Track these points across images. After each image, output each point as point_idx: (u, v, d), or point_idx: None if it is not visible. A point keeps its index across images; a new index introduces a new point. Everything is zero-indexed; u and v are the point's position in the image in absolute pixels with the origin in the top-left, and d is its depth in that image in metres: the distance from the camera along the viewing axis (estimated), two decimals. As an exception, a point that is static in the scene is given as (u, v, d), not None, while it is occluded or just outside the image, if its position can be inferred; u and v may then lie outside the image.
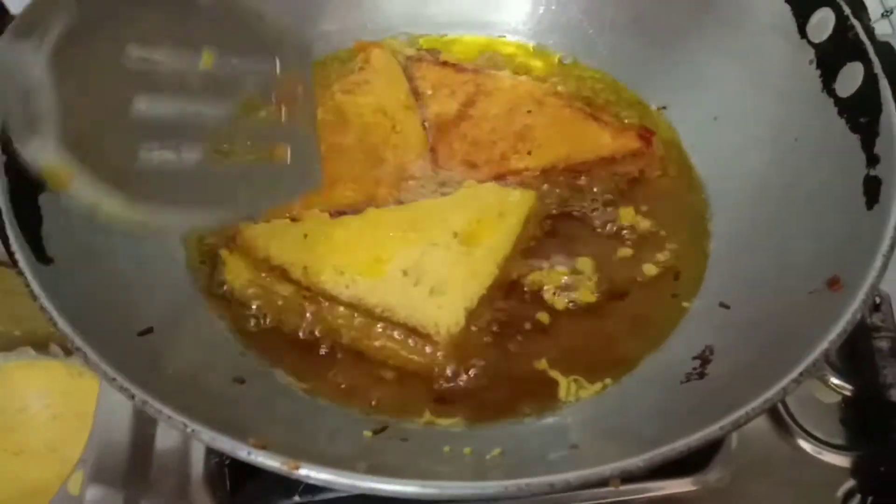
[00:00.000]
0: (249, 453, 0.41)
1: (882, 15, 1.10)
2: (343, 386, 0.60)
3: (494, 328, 0.63)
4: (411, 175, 0.73)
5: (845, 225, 0.56)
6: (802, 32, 0.66)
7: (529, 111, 0.75)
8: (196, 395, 0.50)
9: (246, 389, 0.56)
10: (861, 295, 0.47)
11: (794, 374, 0.44)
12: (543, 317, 0.64)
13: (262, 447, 0.41)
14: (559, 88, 0.79)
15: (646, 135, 0.75)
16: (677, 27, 0.77)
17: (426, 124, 0.76)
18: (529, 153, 0.73)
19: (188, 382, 0.52)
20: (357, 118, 0.74)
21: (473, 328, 0.62)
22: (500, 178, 0.73)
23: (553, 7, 0.83)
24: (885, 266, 0.49)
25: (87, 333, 0.46)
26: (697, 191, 0.72)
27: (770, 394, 0.44)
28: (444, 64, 0.80)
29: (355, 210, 0.68)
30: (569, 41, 0.80)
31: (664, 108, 0.77)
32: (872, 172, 0.56)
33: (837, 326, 0.46)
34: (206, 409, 0.46)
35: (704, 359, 0.56)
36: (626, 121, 0.78)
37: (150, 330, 0.55)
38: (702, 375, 0.55)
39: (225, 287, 0.64)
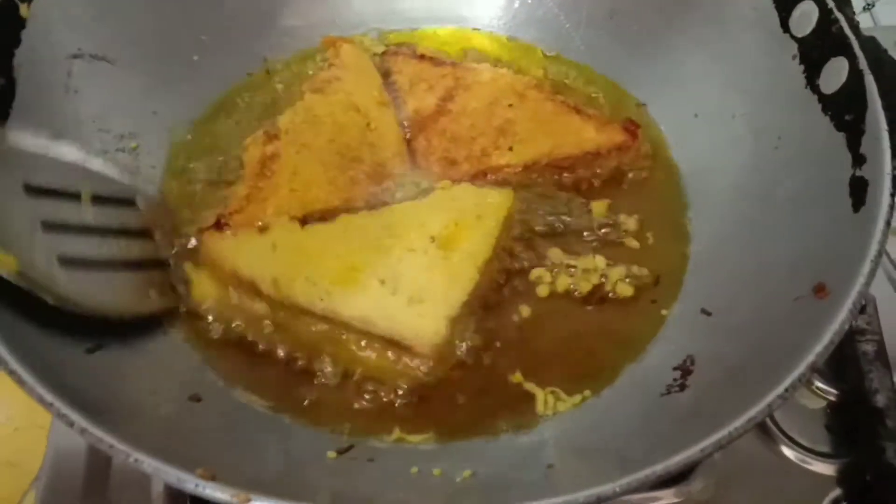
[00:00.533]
0: (197, 485, 0.38)
1: (864, 8, 1.09)
2: (307, 402, 0.56)
3: (474, 338, 0.61)
4: (389, 174, 0.70)
5: (831, 228, 0.53)
6: (785, 26, 0.64)
7: (510, 105, 0.73)
8: (147, 418, 0.47)
9: (202, 409, 0.53)
10: (848, 304, 0.45)
11: (779, 389, 0.42)
12: (520, 324, 0.62)
13: (212, 478, 0.38)
14: (540, 81, 0.77)
15: (631, 127, 0.72)
16: (655, 22, 0.75)
17: (404, 121, 0.74)
18: (511, 149, 0.71)
19: (140, 403, 0.49)
20: (329, 117, 0.71)
21: (455, 338, 0.60)
22: (480, 175, 0.70)
23: (528, 1, 0.81)
24: (872, 273, 0.47)
25: (22, 350, 0.42)
26: (677, 191, 0.70)
27: (754, 412, 0.41)
28: (422, 57, 0.77)
29: (331, 213, 0.65)
30: (545, 36, 0.78)
31: (644, 104, 0.75)
32: (859, 173, 0.54)
33: (823, 338, 0.44)
34: (157, 433, 0.43)
35: (685, 370, 0.54)
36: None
37: (98, 347, 0.51)
38: (682, 387, 0.52)
39: (189, 304, 0.61)
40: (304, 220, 0.64)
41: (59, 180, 0.57)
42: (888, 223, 0.49)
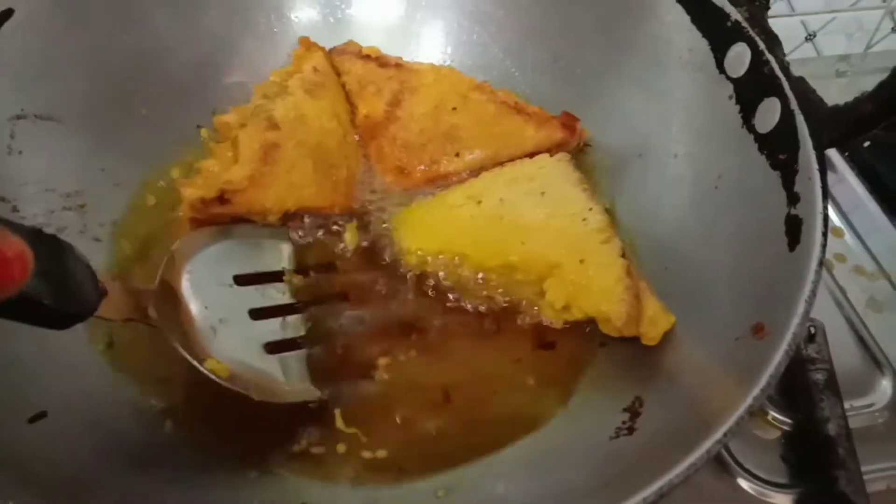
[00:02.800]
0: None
1: (806, 38, 1.12)
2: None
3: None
4: (359, 183, 0.73)
5: (768, 267, 0.54)
6: (721, 67, 0.66)
7: (455, 108, 0.75)
8: (89, 489, 0.46)
9: (148, 477, 0.52)
10: (783, 346, 0.46)
11: (718, 435, 0.42)
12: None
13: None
14: (482, 83, 0.78)
15: (570, 123, 0.75)
16: (597, 64, 0.76)
17: (357, 130, 0.76)
18: (457, 155, 0.73)
19: (81, 472, 0.48)
20: (317, 120, 0.72)
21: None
22: (430, 183, 0.73)
23: (474, 45, 0.82)
24: (807, 312, 0.47)
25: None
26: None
27: (693, 458, 0.42)
28: (367, 57, 0.78)
29: (315, 212, 0.68)
30: (491, 80, 0.78)
31: (588, 145, 0.76)
32: (793, 211, 0.55)
33: (760, 381, 0.44)
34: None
35: (634, 411, 0.54)
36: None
37: (42, 415, 0.51)
38: (631, 430, 0.53)
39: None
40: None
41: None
42: (821, 262, 0.50)
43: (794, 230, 0.54)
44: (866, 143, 0.95)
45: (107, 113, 0.70)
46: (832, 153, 0.97)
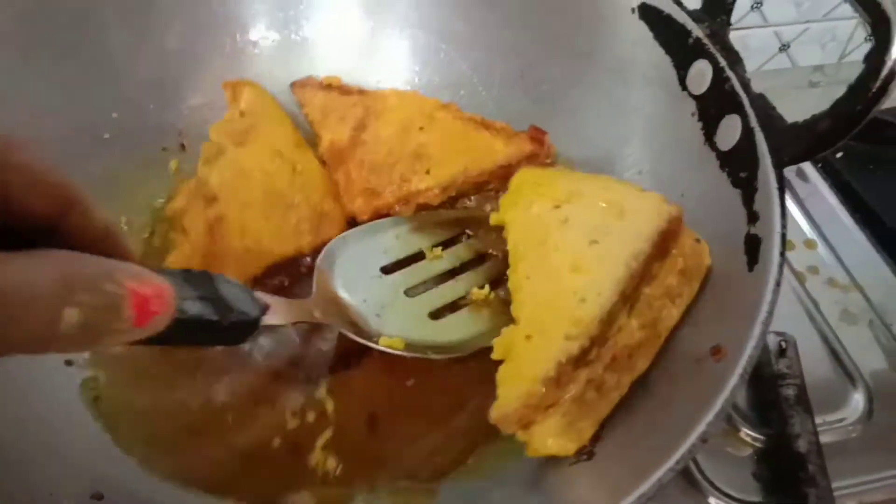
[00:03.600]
0: None
1: (780, 49, 1.12)
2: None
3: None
4: (326, 213, 0.72)
5: (728, 287, 0.54)
6: (683, 84, 0.66)
7: (421, 128, 0.75)
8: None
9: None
10: (738, 370, 0.45)
11: (670, 462, 0.42)
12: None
13: None
14: (447, 103, 0.78)
15: (538, 136, 0.75)
16: (564, 81, 0.76)
17: (322, 156, 0.75)
18: (428, 172, 0.72)
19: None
20: (257, 168, 0.71)
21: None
22: (403, 202, 0.72)
23: (441, 63, 0.82)
24: (763, 335, 0.47)
25: None
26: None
27: (645, 488, 0.41)
28: (329, 87, 0.78)
29: (285, 266, 0.67)
30: (458, 99, 0.78)
31: (554, 161, 0.76)
32: (753, 230, 0.54)
33: (714, 405, 0.44)
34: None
35: (595, 436, 0.53)
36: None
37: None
38: (591, 455, 0.52)
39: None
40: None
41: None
42: (778, 283, 0.49)
43: (752, 249, 0.53)
44: (839, 155, 0.95)
45: (68, 137, 0.69)
46: (805, 165, 0.97)
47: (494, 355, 0.57)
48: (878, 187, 0.91)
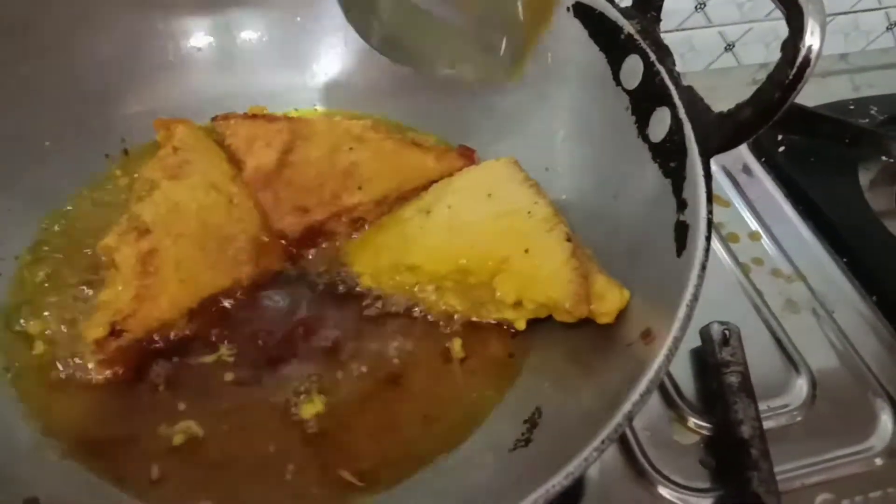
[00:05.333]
0: None
1: (725, 48, 1.15)
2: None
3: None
4: (265, 243, 0.70)
5: (658, 274, 0.55)
6: (617, 79, 0.67)
7: (351, 148, 0.74)
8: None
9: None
10: (664, 350, 0.46)
11: (595, 442, 0.43)
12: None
13: None
14: (376, 122, 0.79)
15: (467, 153, 0.77)
16: (500, 84, 0.77)
17: (248, 181, 0.73)
18: (360, 188, 0.73)
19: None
20: (192, 202, 0.69)
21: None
22: (335, 217, 0.72)
23: (368, 77, 0.83)
24: (688, 317, 0.48)
25: None
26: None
27: (571, 467, 0.42)
28: (254, 117, 0.77)
29: (224, 295, 0.66)
30: (385, 108, 0.79)
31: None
32: (682, 218, 0.56)
33: (639, 386, 0.45)
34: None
35: (533, 422, 0.54)
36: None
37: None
38: (527, 442, 0.53)
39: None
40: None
41: None
42: (703, 267, 0.50)
43: (681, 236, 0.54)
44: (781, 149, 0.97)
45: (6, 144, 0.69)
46: (750, 160, 0.99)
47: (508, 299, 0.62)
48: (819, 180, 0.94)
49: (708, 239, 0.52)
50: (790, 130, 0.96)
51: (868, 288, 0.84)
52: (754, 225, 0.91)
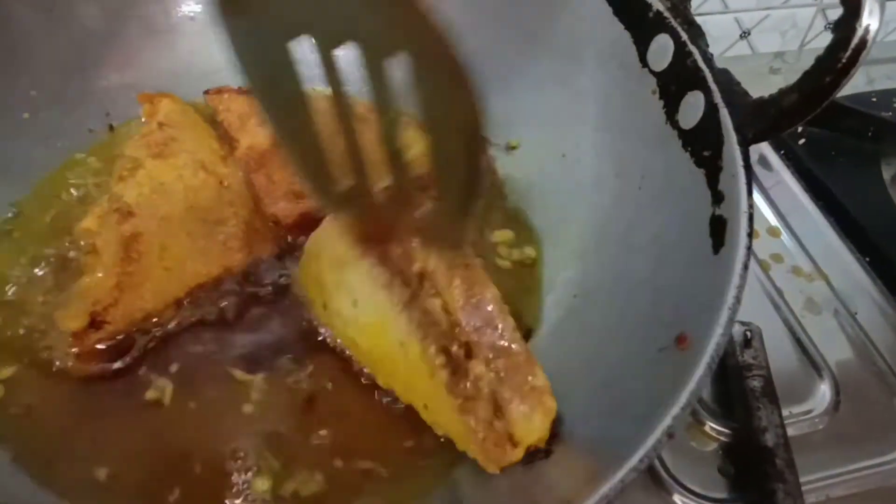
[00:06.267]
0: None
1: (741, 36, 1.10)
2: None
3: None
4: (258, 229, 0.65)
5: (692, 272, 0.51)
6: (643, 61, 0.62)
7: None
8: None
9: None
10: (705, 359, 0.42)
11: (633, 461, 0.38)
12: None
13: None
14: None
15: None
16: (517, 63, 0.72)
17: (240, 161, 0.68)
18: None
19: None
20: (178, 182, 0.64)
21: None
22: None
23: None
24: (730, 321, 0.43)
25: None
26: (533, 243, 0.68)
27: (606, 489, 0.37)
28: (249, 92, 0.71)
29: (214, 288, 0.61)
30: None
31: (514, 147, 0.72)
32: (718, 211, 0.51)
33: (680, 399, 0.40)
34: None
35: (552, 432, 0.50)
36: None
37: None
38: (548, 454, 0.48)
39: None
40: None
41: None
42: (746, 266, 0.46)
43: (718, 231, 0.50)
44: (801, 142, 0.93)
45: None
46: (768, 153, 0.95)
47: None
48: (841, 175, 0.90)
49: (750, 236, 0.48)
50: (812, 122, 0.92)
51: (892, 288, 0.80)
52: (773, 220, 0.87)
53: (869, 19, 0.46)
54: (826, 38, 0.48)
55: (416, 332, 0.51)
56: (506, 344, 0.51)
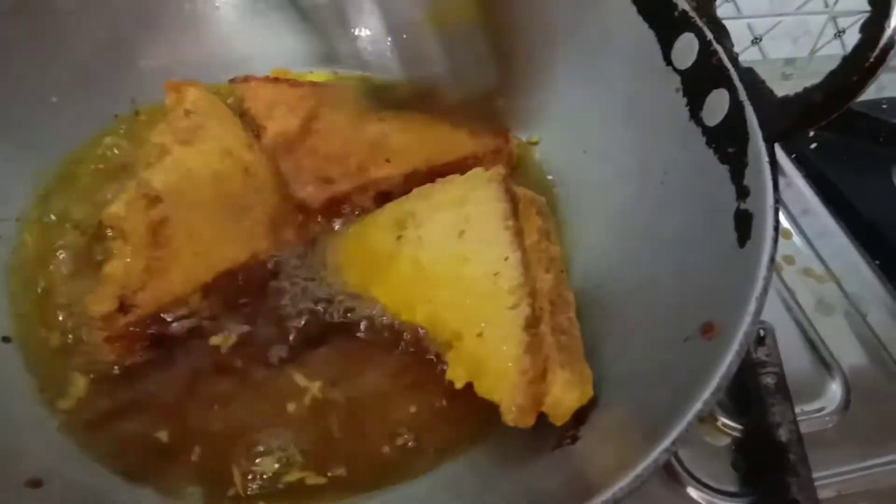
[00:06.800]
0: None
1: (752, 42, 1.11)
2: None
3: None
4: (283, 216, 0.66)
5: (718, 264, 0.51)
6: (667, 59, 0.63)
7: (380, 118, 0.70)
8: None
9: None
10: (735, 345, 0.43)
11: (666, 443, 0.39)
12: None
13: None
14: None
15: (501, 131, 0.73)
16: (542, 60, 0.73)
17: (268, 147, 0.69)
18: (388, 160, 0.68)
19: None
20: (206, 169, 0.65)
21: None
22: (361, 190, 0.67)
23: (403, 45, 0.77)
24: (759, 310, 0.44)
25: None
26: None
27: (640, 469, 0.38)
28: (276, 80, 0.73)
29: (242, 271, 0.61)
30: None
31: (535, 142, 0.73)
32: (743, 206, 0.52)
33: (711, 383, 0.41)
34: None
35: (579, 419, 0.50)
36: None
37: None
38: (574, 439, 0.49)
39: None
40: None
41: None
42: (772, 258, 0.47)
43: (743, 225, 0.51)
44: (813, 146, 0.94)
45: (12, 100, 0.64)
46: (780, 156, 0.96)
47: (459, 383, 0.53)
48: (853, 179, 0.91)
49: (776, 229, 0.48)
50: (824, 126, 0.93)
51: (902, 291, 0.81)
52: (785, 223, 0.88)
53: (898, 20, 0.47)
54: (836, 46, 0.49)
55: (521, 271, 0.55)
56: (572, 329, 0.55)
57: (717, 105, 0.58)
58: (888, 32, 0.47)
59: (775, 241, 0.48)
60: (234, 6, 0.76)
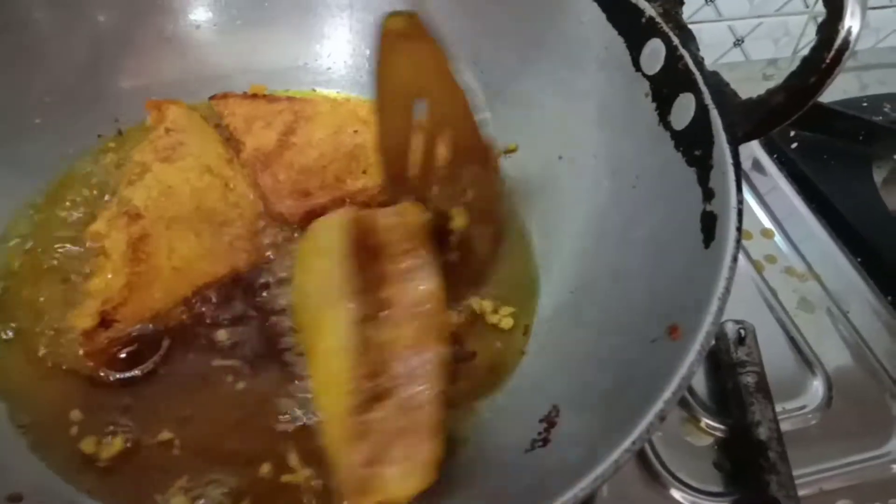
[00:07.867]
0: None
1: (734, 44, 1.12)
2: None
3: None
4: (263, 230, 0.67)
5: (684, 266, 0.52)
6: (637, 65, 0.64)
7: (356, 131, 0.72)
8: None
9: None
10: (696, 346, 0.43)
11: (626, 443, 0.40)
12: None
13: None
14: None
15: (486, 142, 0.70)
16: (516, 68, 0.74)
17: (246, 162, 0.70)
18: (364, 172, 0.69)
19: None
20: (185, 185, 0.66)
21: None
22: (339, 202, 0.68)
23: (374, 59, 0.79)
24: (720, 310, 0.45)
25: None
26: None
27: (600, 470, 0.39)
28: (254, 97, 0.74)
29: (220, 285, 0.62)
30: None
31: (512, 150, 0.73)
32: (708, 208, 0.53)
33: (672, 383, 0.42)
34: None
35: (550, 421, 0.51)
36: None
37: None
38: (546, 442, 0.50)
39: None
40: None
41: None
42: (735, 259, 0.48)
43: (709, 227, 0.52)
44: (794, 146, 0.95)
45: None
46: (761, 156, 0.97)
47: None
48: (833, 178, 0.91)
49: (739, 230, 0.49)
50: (804, 126, 0.94)
51: (883, 288, 0.82)
52: (767, 222, 0.89)
53: (851, 21, 0.48)
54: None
55: (353, 349, 0.51)
56: (418, 405, 0.51)
57: (684, 109, 0.58)
58: (842, 34, 0.48)
59: (738, 241, 0.48)
60: (214, 24, 0.77)
